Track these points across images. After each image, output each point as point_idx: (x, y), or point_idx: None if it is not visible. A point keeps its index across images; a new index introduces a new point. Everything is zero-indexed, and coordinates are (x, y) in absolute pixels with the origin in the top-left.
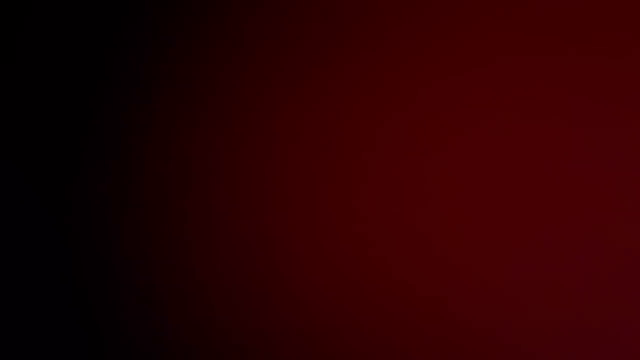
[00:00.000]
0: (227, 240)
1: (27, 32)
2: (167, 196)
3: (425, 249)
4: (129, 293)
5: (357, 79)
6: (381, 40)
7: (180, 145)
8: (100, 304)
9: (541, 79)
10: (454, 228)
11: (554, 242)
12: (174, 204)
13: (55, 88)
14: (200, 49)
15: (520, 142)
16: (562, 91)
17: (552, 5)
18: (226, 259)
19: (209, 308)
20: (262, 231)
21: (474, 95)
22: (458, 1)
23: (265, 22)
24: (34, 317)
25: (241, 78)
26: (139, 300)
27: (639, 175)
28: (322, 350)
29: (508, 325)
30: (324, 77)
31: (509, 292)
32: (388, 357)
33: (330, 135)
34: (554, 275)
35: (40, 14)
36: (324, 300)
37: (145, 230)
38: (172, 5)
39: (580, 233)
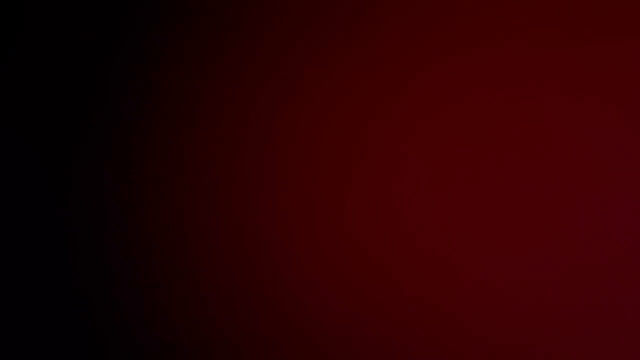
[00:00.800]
0: (226, 240)
1: (26, 31)
2: (166, 196)
3: (425, 249)
4: (129, 293)
5: (357, 79)
6: (379, 41)
7: (180, 145)
8: (100, 304)
9: (539, 78)
10: (454, 228)
11: (553, 242)
12: (173, 204)
13: (55, 87)
14: (199, 49)
15: (518, 141)
16: (560, 90)
17: (551, 5)
18: (225, 259)
19: (209, 308)
20: (262, 231)
21: (474, 95)
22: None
23: (263, 22)
24: (33, 317)
25: (240, 78)
26: (139, 300)
27: (638, 175)
28: (321, 350)
29: (507, 325)
30: (322, 77)
31: (508, 292)
32: (388, 357)
33: (329, 135)
34: (553, 275)
35: (41, 13)
36: (324, 300)
37: (145, 230)
38: (172, 5)
39: (580, 233)
